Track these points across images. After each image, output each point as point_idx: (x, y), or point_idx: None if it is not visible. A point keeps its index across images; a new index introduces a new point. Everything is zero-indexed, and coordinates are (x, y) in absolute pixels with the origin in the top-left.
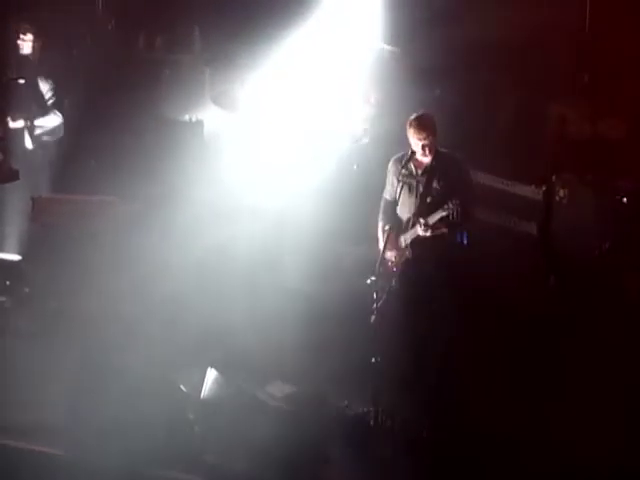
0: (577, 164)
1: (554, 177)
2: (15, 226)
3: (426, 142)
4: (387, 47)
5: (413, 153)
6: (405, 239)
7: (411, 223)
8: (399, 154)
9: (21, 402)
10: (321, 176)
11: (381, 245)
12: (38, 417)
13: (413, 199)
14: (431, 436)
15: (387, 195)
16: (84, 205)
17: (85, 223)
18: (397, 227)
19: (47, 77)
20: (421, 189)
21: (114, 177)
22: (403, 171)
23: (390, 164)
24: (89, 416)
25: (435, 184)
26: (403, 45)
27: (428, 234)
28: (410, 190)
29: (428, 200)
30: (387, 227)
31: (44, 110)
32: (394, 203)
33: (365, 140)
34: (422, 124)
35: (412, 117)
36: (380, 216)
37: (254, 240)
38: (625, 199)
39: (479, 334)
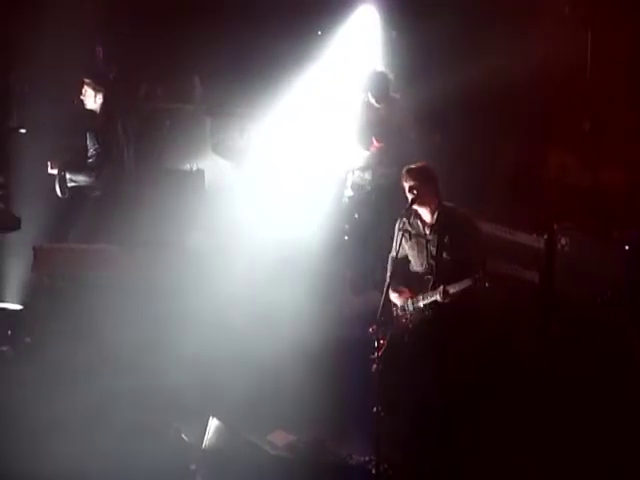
0: (578, 212)
1: (555, 225)
2: (16, 275)
3: (413, 186)
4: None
5: (414, 209)
6: (424, 299)
7: (431, 284)
8: (403, 211)
9: (23, 452)
10: (321, 225)
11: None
12: (40, 467)
13: (426, 258)
14: None
15: (394, 253)
16: (85, 254)
17: (86, 272)
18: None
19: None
20: (432, 249)
21: (115, 226)
22: (408, 228)
23: (397, 224)
24: (90, 467)
25: (447, 241)
26: (403, 91)
27: (447, 301)
28: (420, 248)
29: (444, 260)
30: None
31: (81, 165)
32: (402, 261)
33: (367, 189)
34: (412, 172)
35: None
36: (390, 280)
37: (254, 289)
38: (627, 247)
39: (479, 384)
